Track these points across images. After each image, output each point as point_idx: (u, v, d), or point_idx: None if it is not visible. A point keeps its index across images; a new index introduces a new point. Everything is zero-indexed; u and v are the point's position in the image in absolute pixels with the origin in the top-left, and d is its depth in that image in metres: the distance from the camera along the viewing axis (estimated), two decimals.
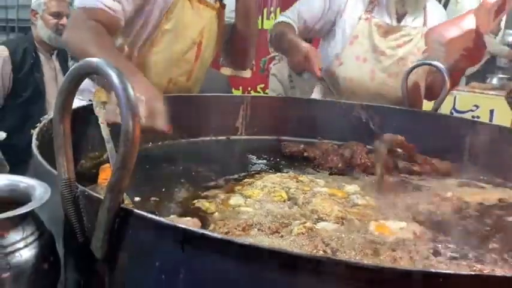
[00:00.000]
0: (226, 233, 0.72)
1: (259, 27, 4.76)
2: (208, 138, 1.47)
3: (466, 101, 4.40)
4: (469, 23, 1.36)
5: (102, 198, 0.49)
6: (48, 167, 0.56)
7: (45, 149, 0.72)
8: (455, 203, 0.99)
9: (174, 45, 1.39)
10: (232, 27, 1.56)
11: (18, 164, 1.67)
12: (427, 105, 1.72)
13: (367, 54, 1.67)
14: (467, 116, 4.45)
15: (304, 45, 1.56)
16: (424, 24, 1.69)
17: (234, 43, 1.58)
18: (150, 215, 0.46)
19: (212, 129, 1.48)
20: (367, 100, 1.61)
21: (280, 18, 1.81)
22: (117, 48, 1.31)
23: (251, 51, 1.63)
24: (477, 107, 4.41)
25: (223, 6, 1.51)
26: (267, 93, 4.79)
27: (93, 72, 0.48)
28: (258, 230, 0.74)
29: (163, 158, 1.22)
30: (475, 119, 1.35)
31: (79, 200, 0.52)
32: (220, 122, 1.50)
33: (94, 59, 0.48)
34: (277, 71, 3.57)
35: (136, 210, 0.48)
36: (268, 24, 4.68)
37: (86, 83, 1.40)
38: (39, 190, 0.52)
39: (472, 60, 1.47)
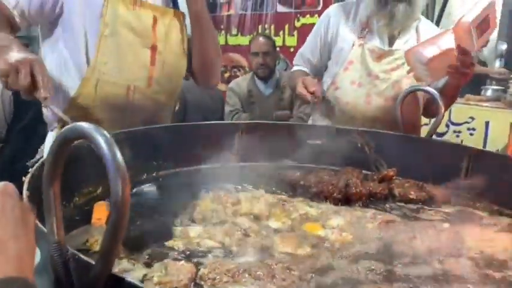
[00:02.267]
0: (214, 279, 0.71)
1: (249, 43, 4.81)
2: (204, 167, 1.46)
3: (462, 113, 4.42)
4: (448, 42, 1.36)
5: (93, 263, 0.49)
6: (43, 227, 0.55)
7: (36, 197, 0.72)
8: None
9: (118, 51, 1.38)
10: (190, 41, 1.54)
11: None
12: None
13: (362, 78, 1.69)
14: (463, 128, 4.48)
15: (300, 79, 1.63)
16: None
17: (193, 57, 1.55)
18: (140, 284, 0.45)
19: (207, 157, 1.47)
20: (365, 124, 1.61)
21: (293, 68, 1.96)
22: None
23: (210, 65, 1.58)
24: (472, 118, 4.42)
25: (181, 13, 1.50)
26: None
27: (81, 137, 0.48)
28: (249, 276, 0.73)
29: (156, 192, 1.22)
30: (470, 146, 1.34)
31: (69, 263, 0.51)
32: (215, 149, 1.50)
33: (84, 125, 0.47)
34: (236, 85, 3.40)
35: (126, 278, 0.47)
36: None
37: None
38: None
39: (461, 77, 1.47)
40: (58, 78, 1.37)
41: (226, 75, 5.06)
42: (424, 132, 1.79)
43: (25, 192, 0.70)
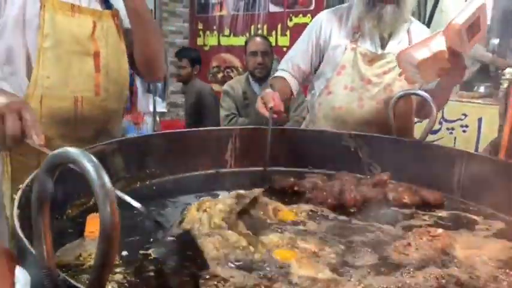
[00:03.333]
0: None
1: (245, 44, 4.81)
2: (196, 173, 1.46)
3: (455, 109, 4.44)
4: (439, 44, 1.36)
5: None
6: (32, 250, 0.55)
7: (26, 215, 0.71)
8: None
9: (61, 63, 1.31)
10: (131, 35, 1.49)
11: None
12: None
13: (354, 83, 1.69)
14: (456, 124, 4.50)
15: (259, 99, 1.55)
16: None
17: (135, 49, 1.50)
18: None
19: (200, 164, 1.47)
20: (357, 127, 1.62)
21: (277, 72, 1.86)
22: None
23: (154, 59, 1.53)
24: (465, 115, 4.45)
25: (115, 13, 1.45)
26: None
27: (69, 163, 0.47)
28: None
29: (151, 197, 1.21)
30: (464, 150, 1.35)
31: None
32: (209, 155, 1.50)
33: (71, 150, 0.47)
34: (230, 87, 3.32)
35: None
36: None
37: None
38: (19, 282, 0.50)
39: (453, 79, 1.48)
40: None
41: (220, 75, 5.06)
42: (417, 131, 1.79)
43: (15, 211, 0.69)
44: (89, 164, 0.45)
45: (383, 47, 1.70)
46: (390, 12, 1.62)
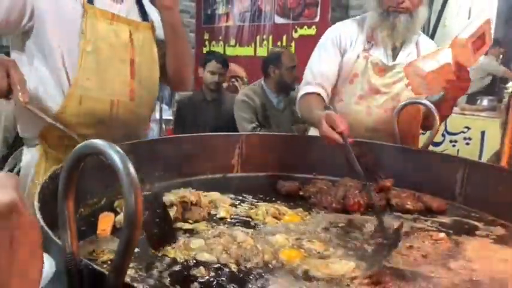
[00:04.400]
0: None
1: (253, 54, 4.87)
2: (204, 177, 1.49)
3: (457, 122, 4.47)
4: (445, 57, 1.40)
5: (106, 272, 0.51)
6: (55, 238, 0.58)
7: (47, 209, 0.74)
8: None
9: (100, 67, 1.38)
10: (164, 45, 1.56)
11: None
12: None
13: (364, 91, 1.72)
14: (459, 137, 4.53)
15: (319, 113, 1.49)
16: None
17: (168, 61, 1.58)
18: None
19: (208, 168, 1.50)
20: (365, 134, 1.64)
21: (304, 89, 1.78)
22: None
23: (185, 70, 1.62)
24: (468, 128, 4.48)
25: (152, 25, 1.52)
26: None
27: (96, 154, 0.51)
28: None
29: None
30: (465, 157, 1.37)
31: (83, 273, 0.54)
32: (216, 160, 1.53)
33: (98, 141, 0.50)
34: (248, 98, 3.23)
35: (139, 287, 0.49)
36: (261, 52, 4.78)
37: None
38: (44, 266, 0.53)
39: (457, 91, 1.50)
40: (36, 95, 1.34)
41: (225, 85, 5.12)
42: (420, 142, 1.82)
43: (36, 204, 0.72)
44: (115, 155, 0.49)
45: (394, 57, 1.73)
46: (404, 22, 1.66)
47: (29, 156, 1.44)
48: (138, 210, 0.47)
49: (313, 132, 1.93)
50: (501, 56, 5.73)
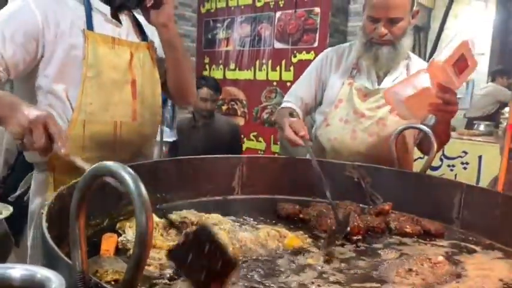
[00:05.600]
0: None
1: (252, 78, 4.93)
2: (205, 199, 1.51)
3: (455, 147, 4.51)
4: (423, 81, 1.42)
5: None
6: (64, 257, 0.60)
7: (55, 230, 0.76)
8: None
9: (103, 90, 1.40)
10: (164, 64, 1.60)
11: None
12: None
13: (349, 116, 1.77)
14: (457, 162, 4.56)
15: (284, 119, 1.60)
16: None
17: (168, 77, 1.61)
18: None
19: (209, 190, 1.52)
20: (349, 158, 1.68)
21: (283, 104, 1.95)
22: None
23: (187, 85, 1.65)
24: (466, 153, 4.52)
25: (151, 45, 1.55)
26: (260, 141, 4.90)
27: (108, 175, 0.53)
28: None
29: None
30: (462, 182, 1.40)
31: None
32: (217, 182, 1.55)
33: (110, 163, 0.53)
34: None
35: None
36: (261, 76, 4.85)
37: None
38: (55, 283, 0.55)
39: (445, 115, 1.51)
40: None
41: (224, 108, 5.16)
42: (417, 167, 1.85)
43: (44, 224, 0.74)
44: (127, 176, 0.51)
45: (379, 83, 1.78)
46: (386, 53, 1.71)
47: (39, 180, 1.45)
48: (149, 230, 0.49)
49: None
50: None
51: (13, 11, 1.31)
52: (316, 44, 4.48)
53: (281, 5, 4.77)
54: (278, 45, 4.78)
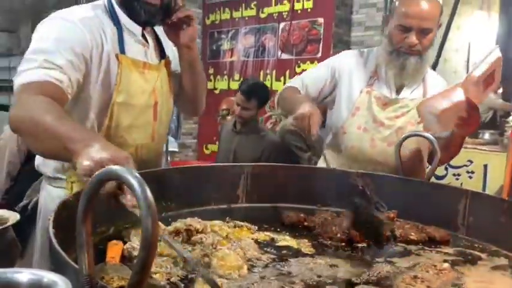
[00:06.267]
0: None
1: None
2: (209, 207, 1.51)
3: (460, 156, 4.41)
4: (458, 95, 1.43)
5: None
6: (70, 261, 0.60)
7: (61, 234, 0.77)
8: None
9: (129, 115, 1.40)
10: (179, 77, 1.60)
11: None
12: None
13: (368, 124, 1.75)
14: (462, 170, 4.54)
15: (308, 105, 1.56)
16: (424, 95, 1.76)
17: (183, 92, 1.62)
18: None
19: (213, 198, 1.53)
20: (367, 167, 1.67)
21: (288, 84, 1.93)
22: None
23: (200, 100, 1.69)
24: (471, 162, 4.50)
25: (168, 62, 1.55)
26: None
27: (114, 179, 0.54)
28: None
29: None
30: (467, 188, 1.40)
31: None
32: (222, 191, 1.55)
33: (117, 167, 0.54)
34: (293, 126, 3.22)
35: None
36: None
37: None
38: (61, 287, 0.55)
39: (468, 128, 1.52)
40: None
41: (229, 118, 5.19)
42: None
43: (51, 230, 0.75)
44: (133, 180, 0.52)
45: (398, 92, 1.77)
46: (413, 63, 1.68)
47: (53, 194, 1.44)
48: (154, 232, 0.49)
49: (320, 164, 1.97)
50: (501, 91, 5.83)
51: (63, 31, 1.28)
52: (319, 54, 4.52)
53: (285, 16, 4.82)
54: (282, 55, 4.82)
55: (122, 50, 1.38)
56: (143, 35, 1.47)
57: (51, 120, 1.02)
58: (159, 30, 1.55)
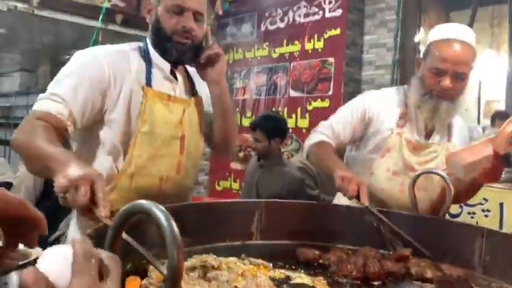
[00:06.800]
0: None
1: None
2: (223, 244, 1.52)
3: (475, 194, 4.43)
4: (487, 150, 1.43)
5: None
6: None
7: None
8: None
9: (153, 145, 1.44)
10: (212, 117, 1.64)
11: None
12: None
13: (397, 167, 1.74)
14: (477, 209, 4.47)
15: (340, 173, 1.55)
16: (448, 139, 1.77)
17: (215, 131, 1.64)
18: None
19: (227, 235, 1.53)
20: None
21: (317, 136, 1.85)
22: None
23: (231, 139, 1.69)
24: (486, 200, 4.44)
25: (199, 100, 1.61)
26: None
27: (142, 213, 0.56)
28: None
29: None
30: (483, 226, 1.39)
31: None
32: (235, 227, 1.56)
33: (144, 202, 0.56)
34: (303, 164, 3.19)
35: None
36: None
37: None
38: None
39: (490, 178, 1.51)
40: None
41: (241, 154, 5.23)
42: None
43: None
44: (160, 214, 0.54)
45: (427, 136, 1.77)
46: (446, 108, 1.67)
47: (84, 224, 1.47)
48: (180, 263, 0.51)
49: (337, 200, 1.95)
50: None
51: (83, 64, 1.40)
52: (330, 92, 4.59)
53: (296, 56, 4.93)
54: (293, 93, 4.91)
55: (149, 83, 1.45)
56: (173, 72, 1.54)
57: (41, 142, 1.16)
58: (192, 70, 1.62)
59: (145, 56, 1.49)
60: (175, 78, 1.55)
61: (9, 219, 0.52)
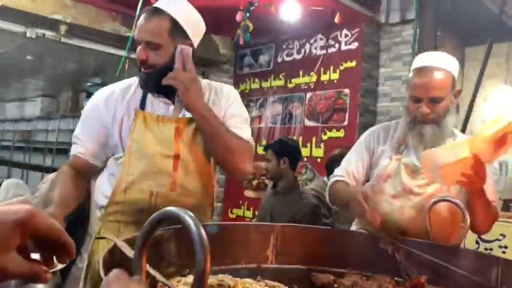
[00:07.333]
0: None
1: None
2: (239, 266, 1.53)
3: (492, 230, 4.33)
4: (463, 151, 1.45)
5: None
6: None
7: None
8: None
9: (142, 162, 1.56)
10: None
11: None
12: None
13: (396, 191, 1.78)
14: (494, 245, 4.39)
15: (353, 190, 1.65)
16: None
17: (211, 154, 1.66)
18: None
19: (243, 257, 1.55)
20: (395, 233, 1.67)
21: (334, 178, 1.97)
22: None
23: (233, 161, 1.61)
24: (504, 236, 4.36)
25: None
26: None
27: (172, 219, 0.60)
28: None
29: None
30: (497, 256, 1.38)
31: None
32: (251, 250, 1.58)
33: (173, 208, 0.60)
34: (318, 192, 3.23)
35: None
36: None
37: None
38: None
39: (472, 185, 1.53)
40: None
41: (255, 182, 5.25)
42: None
43: (102, 271, 0.80)
44: (188, 218, 0.58)
45: None
46: (430, 131, 1.76)
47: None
48: (207, 265, 0.55)
49: (354, 227, 1.97)
50: None
51: (88, 111, 1.67)
52: (346, 123, 4.62)
53: (312, 86, 5.01)
54: (308, 123, 4.96)
55: (142, 107, 1.61)
56: (170, 96, 1.61)
57: (53, 184, 1.52)
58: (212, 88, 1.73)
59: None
60: (172, 101, 1.61)
61: (48, 242, 0.58)
